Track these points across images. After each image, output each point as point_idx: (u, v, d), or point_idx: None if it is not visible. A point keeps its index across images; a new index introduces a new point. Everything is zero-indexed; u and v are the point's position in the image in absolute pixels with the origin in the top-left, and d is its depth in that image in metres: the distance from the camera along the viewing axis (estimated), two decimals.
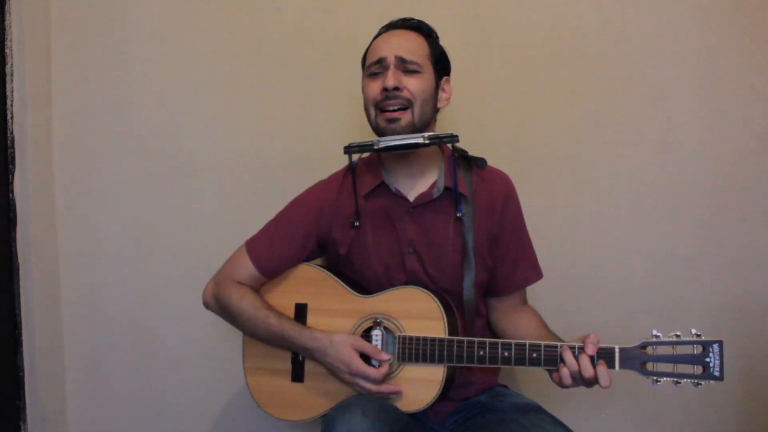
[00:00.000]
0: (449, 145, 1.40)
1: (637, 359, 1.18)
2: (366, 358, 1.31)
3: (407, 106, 1.34)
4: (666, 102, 1.73)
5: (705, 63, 1.72)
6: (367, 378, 1.29)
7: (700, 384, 1.16)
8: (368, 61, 1.40)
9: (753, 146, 1.72)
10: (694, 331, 1.17)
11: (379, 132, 1.37)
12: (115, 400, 1.88)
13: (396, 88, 1.33)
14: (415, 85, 1.34)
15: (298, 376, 1.40)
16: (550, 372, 1.26)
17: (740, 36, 1.71)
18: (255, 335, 1.42)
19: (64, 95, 1.82)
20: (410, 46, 1.37)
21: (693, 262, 1.74)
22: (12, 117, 1.71)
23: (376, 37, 1.43)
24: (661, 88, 1.73)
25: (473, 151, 1.45)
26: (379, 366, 1.31)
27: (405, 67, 1.35)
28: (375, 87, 1.36)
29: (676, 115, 1.73)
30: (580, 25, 1.74)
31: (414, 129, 1.35)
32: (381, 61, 1.36)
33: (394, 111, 1.33)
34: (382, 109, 1.35)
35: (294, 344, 1.36)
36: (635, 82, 1.74)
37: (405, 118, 1.34)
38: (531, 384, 1.73)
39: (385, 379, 1.31)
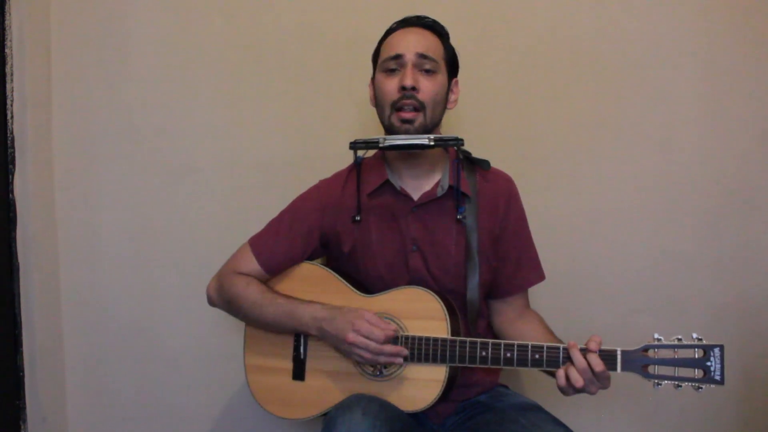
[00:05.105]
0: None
1: (638, 362, 1.19)
2: None
3: (419, 108, 1.34)
4: (666, 102, 1.74)
5: (705, 63, 1.73)
6: (370, 334, 1.27)
7: (701, 388, 1.17)
8: (384, 56, 1.39)
9: (753, 146, 1.72)
10: (695, 335, 1.17)
11: (391, 131, 1.37)
12: (115, 400, 1.87)
13: (413, 88, 1.33)
14: (429, 88, 1.35)
15: (299, 374, 1.40)
16: (551, 374, 1.26)
17: (740, 36, 1.71)
18: (261, 319, 1.40)
19: (64, 95, 1.82)
20: (428, 44, 1.37)
21: (693, 262, 1.74)
22: (12, 117, 1.70)
23: (388, 33, 1.42)
24: (661, 89, 1.74)
25: (473, 151, 1.45)
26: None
27: (423, 65, 1.35)
28: (392, 85, 1.35)
29: (676, 115, 1.74)
30: (580, 26, 1.75)
31: (426, 130, 1.35)
32: (399, 57, 1.35)
33: (408, 111, 1.33)
34: (397, 108, 1.34)
35: (302, 318, 1.35)
36: (635, 83, 1.74)
37: (418, 120, 1.34)
38: (532, 384, 1.73)
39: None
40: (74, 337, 1.86)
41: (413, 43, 1.36)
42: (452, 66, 1.42)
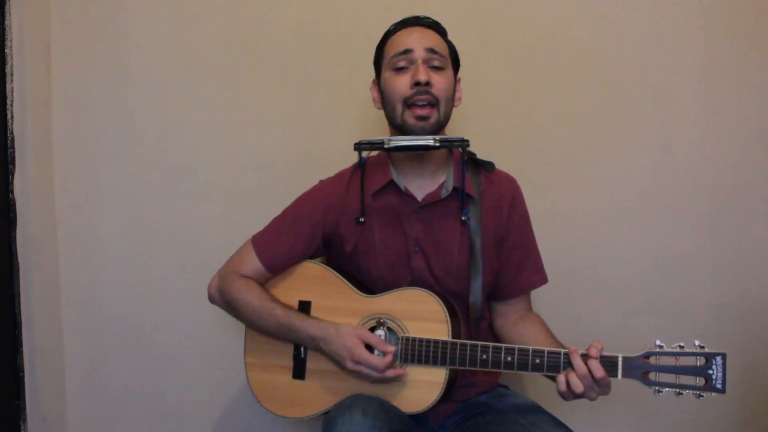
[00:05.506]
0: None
1: (639, 369, 1.18)
2: (371, 350, 1.30)
3: (434, 103, 1.33)
4: (666, 102, 1.74)
5: (705, 63, 1.73)
6: (370, 366, 1.27)
7: (702, 396, 1.16)
8: (391, 53, 1.37)
9: (752, 146, 1.73)
10: (697, 342, 1.17)
11: (404, 130, 1.36)
12: (115, 400, 1.87)
13: (427, 83, 1.32)
14: (442, 83, 1.34)
15: (299, 373, 1.40)
16: (552, 377, 1.26)
17: (740, 36, 1.72)
18: (259, 327, 1.41)
19: (64, 95, 1.82)
20: (434, 40, 1.37)
21: (693, 262, 1.74)
22: (12, 117, 1.70)
23: (390, 33, 1.42)
24: (661, 88, 1.74)
25: (473, 151, 1.45)
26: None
27: (432, 61, 1.34)
28: (403, 82, 1.34)
29: (676, 115, 1.74)
30: (579, 26, 1.75)
31: (440, 127, 1.35)
32: (409, 52, 1.34)
33: (423, 107, 1.33)
34: (410, 104, 1.34)
35: (300, 334, 1.35)
36: (635, 83, 1.74)
37: (433, 117, 1.34)
38: (532, 385, 1.73)
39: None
40: (74, 337, 1.86)
41: (420, 40, 1.35)
42: (455, 63, 1.42)
